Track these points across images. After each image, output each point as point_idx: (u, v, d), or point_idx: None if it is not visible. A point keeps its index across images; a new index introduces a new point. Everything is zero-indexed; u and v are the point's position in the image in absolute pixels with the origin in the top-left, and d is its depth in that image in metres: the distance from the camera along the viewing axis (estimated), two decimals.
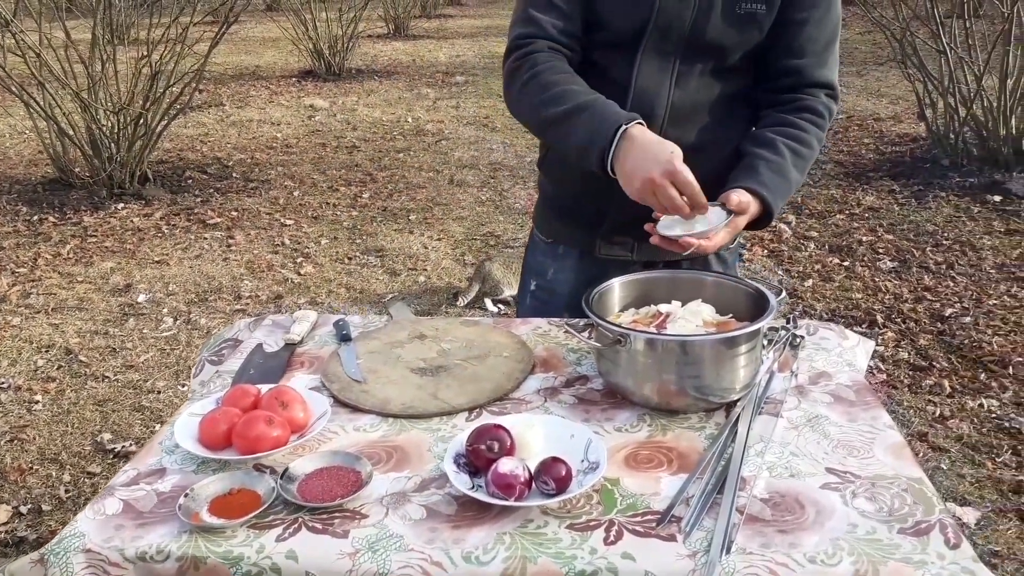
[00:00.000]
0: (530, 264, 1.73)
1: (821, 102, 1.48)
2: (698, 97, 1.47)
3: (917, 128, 6.24)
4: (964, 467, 2.55)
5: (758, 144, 1.44)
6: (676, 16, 1.40)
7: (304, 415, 1.21)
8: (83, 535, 1.02)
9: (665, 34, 1.41)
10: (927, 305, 3.66)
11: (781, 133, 1.44)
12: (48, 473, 2.66)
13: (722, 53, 1.44)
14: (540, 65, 1.41)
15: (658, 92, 1.45)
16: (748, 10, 1.40)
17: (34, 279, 4.16)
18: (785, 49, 1.45)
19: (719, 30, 1.41)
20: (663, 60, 1.44)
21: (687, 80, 1.45)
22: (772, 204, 1.37)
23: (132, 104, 5.28)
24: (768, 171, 1.39)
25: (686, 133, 1.47)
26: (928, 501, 1.04)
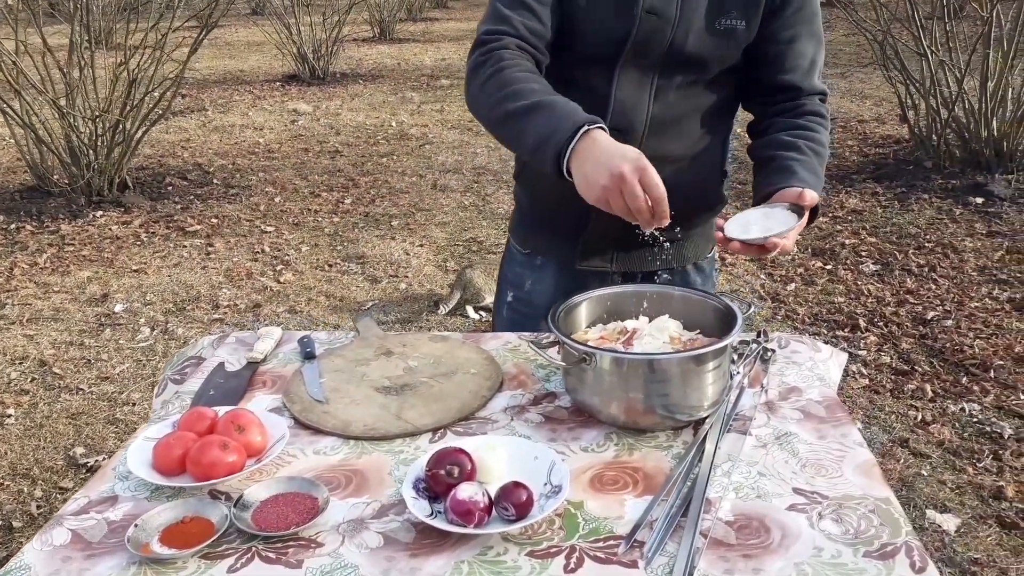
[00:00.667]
0: (507, 275, 1.71)
1: (822, 106, 1.50)
2: (677, 110, 1.46)
3: (900, 130, 6.26)
4: (945, 473, 2.54)
5: (783, 147, 1.42)
6: (656, 31, 1.39)
7: (262, 439, 1.18)
8: (28, 568, 0.98)
9: (644, 49, 1.40)
10: (909, 308, 3.66)
11: (798, 136, 1.43)
12: (19, 489, 2.62)
13: (701, 67, 1.43)
14: (505, 62, 1.35)
15: (637, 105, 1.44)
16: (727, 26, 1.40)
17: (9, 289, 4.11)
18: (779, 67, 1.46)
19: (698, 45, 1.40)
20: (642, 73, 1.42)
21: (666, 93, 1.44)
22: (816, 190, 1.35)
23: (110, 111, 5.22)
24: (804, 170, 1.37)
25: (665, 145, 1.46)
26: (895, 523, 1.02)
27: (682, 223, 1.56)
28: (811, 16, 1.46)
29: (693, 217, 1.58)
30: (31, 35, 5.31)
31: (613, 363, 1.20)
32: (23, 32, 5.27)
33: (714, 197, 1.59)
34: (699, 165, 1.53)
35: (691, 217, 1.57)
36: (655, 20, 1.38)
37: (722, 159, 1.57)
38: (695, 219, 1.59)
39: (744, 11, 1.40)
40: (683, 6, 1.38)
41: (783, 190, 1.33)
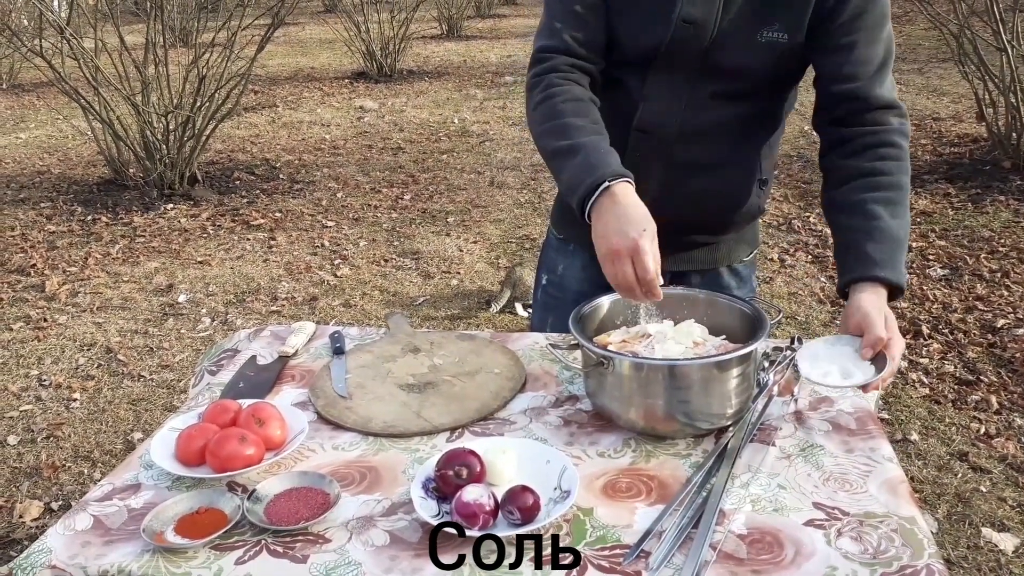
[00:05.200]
0: (544, 260, 1.72)
1: (891, 129, 1.34)
2: (712, 117, 1.41)
3: (977, 129, 5.99)
4: (1006, 490, 2.42)
5: (848, 213, 1.32)
6: (691, 41, 1.35)
7: (281, 432, 1.20)
8: (50, 551, 1.02)
9: (677, 56, 1.37)
10: (978, 315, 3.50)
11: (862, 188, 1.31)
12: (80, 471, 2.73)
13: (740, 78, 1.38)
14: (554, 88, 1.37)
15: (668, 109, 1.41)
16: (769, 39, 1.34)
17: (83, 278, 4.29)
18: (836, 75, 1.36)
19: (736, 57, 1.36)
20: (675, 79, 1.39)
21: (700, 100, 1.40)
22: (896, 280, 1.25)
23: (181, 107, 5.40)
24: (872, 244, 1.26)
25: (697, 151, 1.43)
26: (918, 544, 0.97)
27: (715, 228, 1.54)
28: (876, 21, 1.34)
29: (726, 222, 1.54)
30: (109, 34, 5.53)
31: (632, 368, 1.18)
32: (101, 31, 5.49)
33: (749, 205, 1.53)
34: (733, 173, 1.48)
35: (723, 222, 1.54)
36: (690, 29, 1.34)
37: (760, 168, 1.50)
38: (728, 224, 1.55)
39: (788, 24, 1.33)
40: (722, 17, 1.34)
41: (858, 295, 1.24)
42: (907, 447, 2.64)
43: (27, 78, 9.93)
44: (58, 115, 8.03)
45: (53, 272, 4.36)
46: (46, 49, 5.30)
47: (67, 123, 7.52)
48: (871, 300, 1.23)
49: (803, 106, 5.21)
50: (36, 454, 2.82)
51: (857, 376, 1.17)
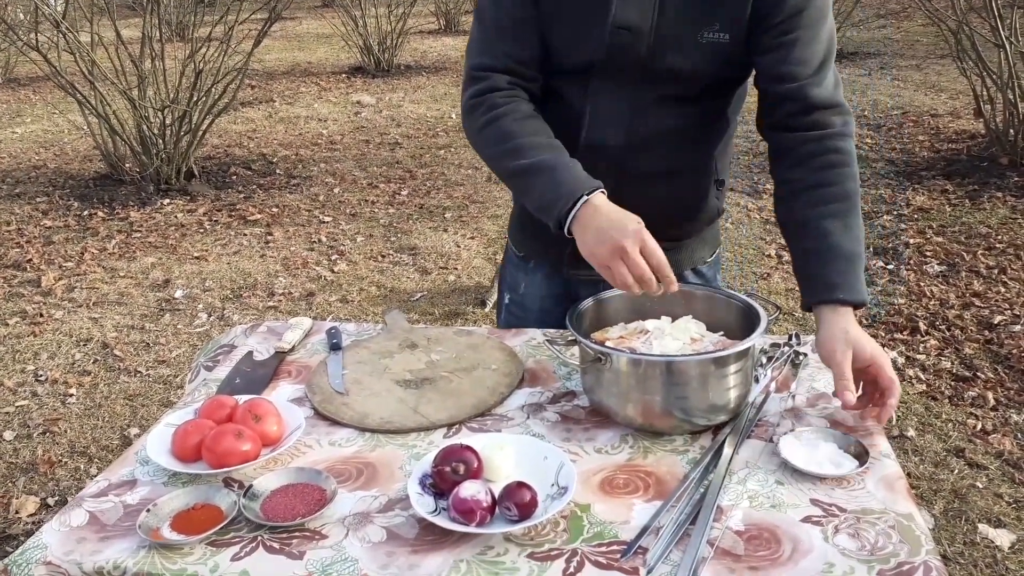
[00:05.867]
0: (504, 277, 1.69)
1: (835, 133, 1.30)
2: (661, 124, 1.39)
3: (975, 125, 5.99)
4: (1002, 486, 2.43)
5: (799, 233, 1.30)
6: (629, 49, 1.32)
7: (278, 429, 1.19)
8: (45, 547, 1.02)
9: (617, 63, 1.34)
10: (975, 312, 3.50)
11: (810, 204, 1.28)
12: (76, 466, 2.72)
13: (684, 82, 1.35)
14: (499, 108, 1.34)
15: (614, 120, 1.38)
16: (711, 40, 1.31)
17: (79, 273, 4.28)
18: (775, 75, 1.31)
19: (679, 59, 1.32)
20: (619, 88, 1.36)
21: (646, 107, 1.37)
22: (855, 299, 1.22)
23: (178, 101, 5.38)
24: (826, 265, 1.24)
25: (649, 160, 1.40)
26: (915, 540, 0.97)
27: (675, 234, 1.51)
28: (815, 19, 1.30)
29: (686, 227, 1.52)
30: (105, 28, 5.50)
31: (630, 364, 1.17)
32: (97, 25, 5.47)
33: (708, 207, 1.51)
34: (688, 179, 1.46)
35: (683, 227, 1.52)
36: (627, 35, 1.31)
37: (715, 169, 1.49)
38: (688, 229, 1.53)
39: (728, 24, 1.30)
40: (659, 21, 1.30)
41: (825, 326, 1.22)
42: (904, 443, 2.64)
43: (23, 72, 9.89)
44: (54, 109, 8.00)
45: (49, 267, 4.35)
46: (42, 43, 5.27)
47: (63, 117, 7.49)
48: (836, 328, 1.20)
49: None
50: (32, 449, 2.81)
51: (825, 465, 1.11)
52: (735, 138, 1.56)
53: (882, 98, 7.23)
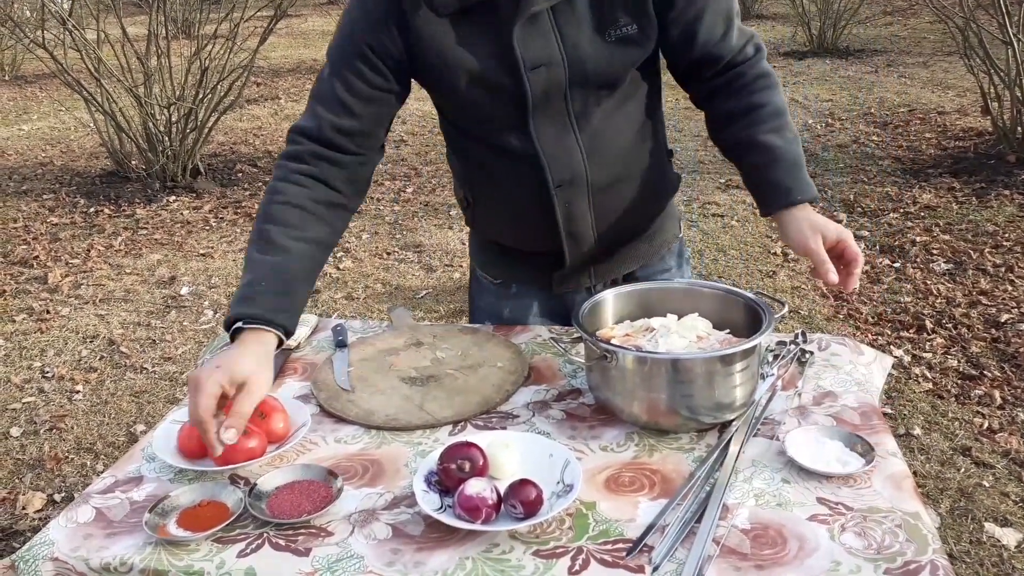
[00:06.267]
0: (480, 307, 1.64)
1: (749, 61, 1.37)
2: (608, 133, 1.38)
3: (982, 122, 5.96)
4: (1009, 484, 2.42)
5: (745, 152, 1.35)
6: (551, 79, 1.30)
7: (284, 426, 1.20)
8: (52, 543, 1.02)
9: (546, 100, 1.32)
10: (982, 310, 3.49)
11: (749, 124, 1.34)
12: (83, 463, 2.73)
13: (610, 84, 1.34)
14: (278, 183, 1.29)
15: (568, 151, 1.36)
16: (620, 35, 1.30)
17: (86, 270, 4.29)
18: (691, 48, 1.34)
19: (598, 65, 1.31)
20: (558, 119, 1.34)
21: (589, 125, 1.36)
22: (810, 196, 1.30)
23: (184, 98, 5.39)
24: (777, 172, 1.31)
25: (612, 170, 1.40)
26: (922, 539, 0.97)
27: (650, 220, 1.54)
28: None
29: (654, 211, 1.53)
30: (112, 25, 5.51)
31: (636, 362, 1.17)
32: (103, 22, 5.48)
33: (668, 182, 1.54)
34: (649, 170, 1.46)
35: (653, 211, 1.53)
36: (544, 71, 1.29)
37: (663, 147, 1.50)
38: (658, 208, 1.53)
39: (632, 14, 1.30)
40: (564, 42, 1.28)
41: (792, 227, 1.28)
42: (910, 442, 2.63)
43: (29, 69, 9.92)
44: (61, 107, 8.03)
45: (56, 264, 4.36)
46: (48, 40, 5.29)
47: (69, 115, 7.52)
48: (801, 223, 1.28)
49: (807, 99, 5.18)
50: (39, 446, 2.82)
51: (833, 463, 1.10)
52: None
53: (889, 95, 7.20)
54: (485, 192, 1.48)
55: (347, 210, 1.36)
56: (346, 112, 1.30)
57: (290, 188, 1.29)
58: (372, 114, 1.33)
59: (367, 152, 1.35)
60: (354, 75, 1.30)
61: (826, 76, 8.17)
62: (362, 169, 1.36)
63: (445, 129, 1.49)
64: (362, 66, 1.30)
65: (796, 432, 1.15)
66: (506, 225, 1.50)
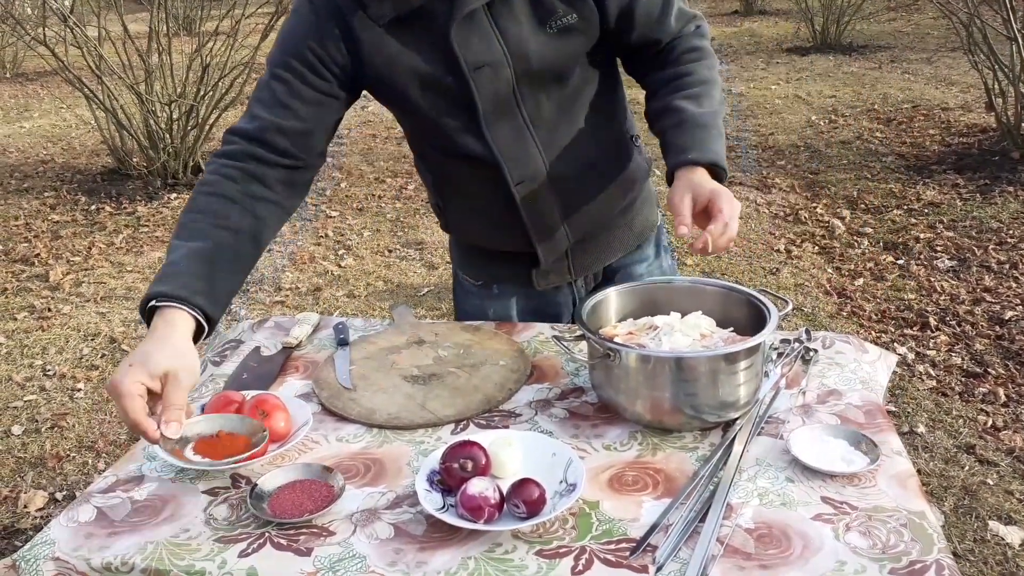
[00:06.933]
0: (464, 310, 1.63)
1: (687, 35, 1.38)
2: (564, 127, 1.38)
3: (986, 119, 5.94)
4: (1013, 482, 2.41)
5: (658, 117, 1.34)
6: (495, 77, 1.29)
7: (285, 424, 1.19)
8: (53, 543, 1.02)
9: (495, 99, 1.31)
10: (986, 307, 3.48)
11: (667, 93, 1.34)
12: (84, 460, 2.73)
13: (558, 76, 1.34)
14: (206, 177, 1.27)
15: (524, 148, 1.36)
16: (561, 25, 1.30)
17: (87, 268, 4.29)
18: (629, 31, 1.35)
19: (543, 58, 1.30)
20: (510, 118, 1.34)
21: (543, 120, 1.36)
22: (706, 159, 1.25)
23: (185, 96, 5.38)
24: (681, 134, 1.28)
25: (574, 164, 1.40)
26: (927, 538, 0.96)
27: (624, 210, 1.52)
28: None
29: (626, 199, 1.51)
30: (112, 22, 5.51)
31: (639, 360, 1.16)
32: (104, 19, 5.47)
33: (637, 168, 1.52)
34: (613, 159, 1.46)
35: (624, 200, 1.51)
36: (488, 71, 1.29)
37: (628, 133, 1.49)
38: (628, 199, 1.52)
39: (571, 3, 1.29)
40: (505, 39, 1.28)
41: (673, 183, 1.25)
42: (914, 439, 2.63)
43: (31, 67, 9.92)
44: (62, 104, 8.02)
45: (57, 262, 4.36)
46: (50, 38, 5.28)
47: (71, 112, 7.51)
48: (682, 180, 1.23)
49: (810, 96, 5.20)
50: (40, 444, 2.82)
51: (837, 462, 1.10)
52: (743, 133, 1.56)
53: (892, 92, 7.18)
54: (453, 197, 1.49)
55: (280, 208, 1.31)
56: (287, 113, 1.28)
57: (218, 180, 1.25)
58: (313, 117, 1.30)
59: (305, 156, 1.32)
60: (296, 78, 1.28)
61: (829, 72, 8.15)
62: (298, 174, 1.33)
63: (408, 139, 1.50)
64: (303, 69, 1.28)
65: (800, 431, 1.15)
66: (477, 227, 1.51)
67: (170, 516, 1.05)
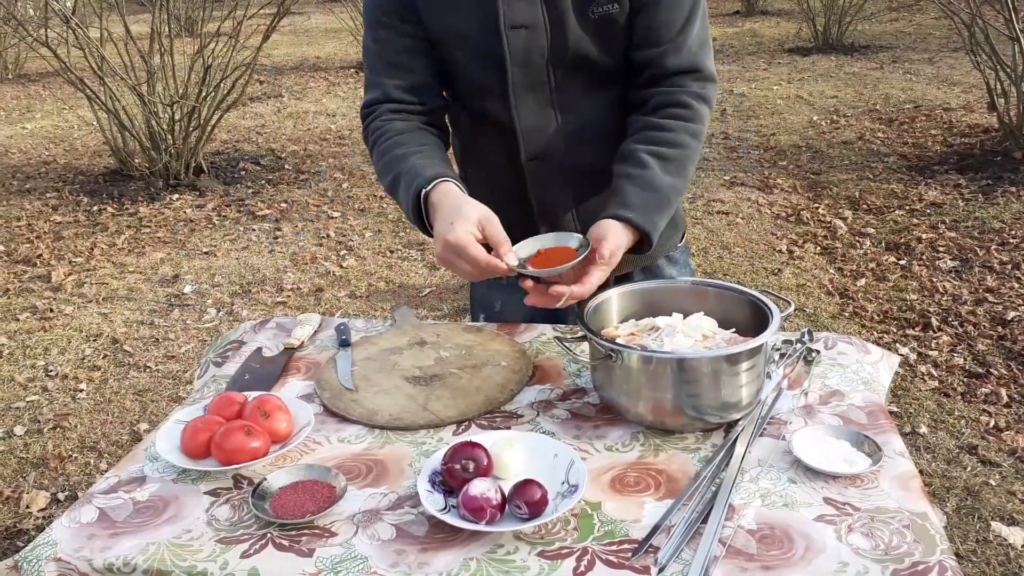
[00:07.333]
0: (476, 298, 1.66)
1: (686, 91, 1.33)
2: (589, 117, 1.39)
3: (988, 119, 5.94)
4: (1015, 483, 2.41)
5: (621, 160, 1.33)
6: (531, 46, 1.32)
7: (287, 425, 1.19)
8: (55, 543, 1.02)
9: (527, 67, 1.34)
10: (988, 308, 3.47)
11: (642, 140, 1.33)
12: (86, 461, 2.73)
13: (593, 65, 1.35)
14: (376, 133, 1.38)
15: (546, 128, 1.38)
16: (602, 12, 1.31)
17: (89, 268, 4.29)
18: (640, 40, 1.33)
19: (579, 43, 1.32)
20: (538, 94, 1.36)
21: (570, 105, 1.38)
22: (645, 227, 1.26)
23: (187, 97, 5.39)
24: (634, 188, 1.28)
25: (590, 156, 1.41)
26: (930, 540, 0.96)
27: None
28: None
29: None
30: (115, 23, 5.51)
31: (641, 361, 1.16)
32: (106, 20, 5.48)
33: None
34: None
35: None
36: (523, 32, 1.31)
37: None
38: None
39: None
40: (548, 9, 1.30)
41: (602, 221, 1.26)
42: (916, 440, 2.62)
43: (33, 68, 9.93)
44: (64, 105, 8.03)
45: (59, 262, 4.36)
46: (52, 39, 5.28)
47: (73, 113, 7.52)
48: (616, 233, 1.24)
49: (812, 96, 5.20)
50: (43, 444, 2.82)
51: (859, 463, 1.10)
52: (745, 133, 1.55)
53: (894, 92, 7.18)
54: (472, 166, 1.52)
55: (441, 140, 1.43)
56: (399, 70, 1.38)
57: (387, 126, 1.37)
58: (422, 66, 1.39)
59: (430, 103, 1.41)
60: (392, 32, 1.37)
61: (831, 72, 8.15)
62: (434, 118, 1.43)
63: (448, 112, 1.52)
64: (392, 22, 1.36)
65: (803, 432, 1.15)
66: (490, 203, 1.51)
67: (172, 517, 1.05)
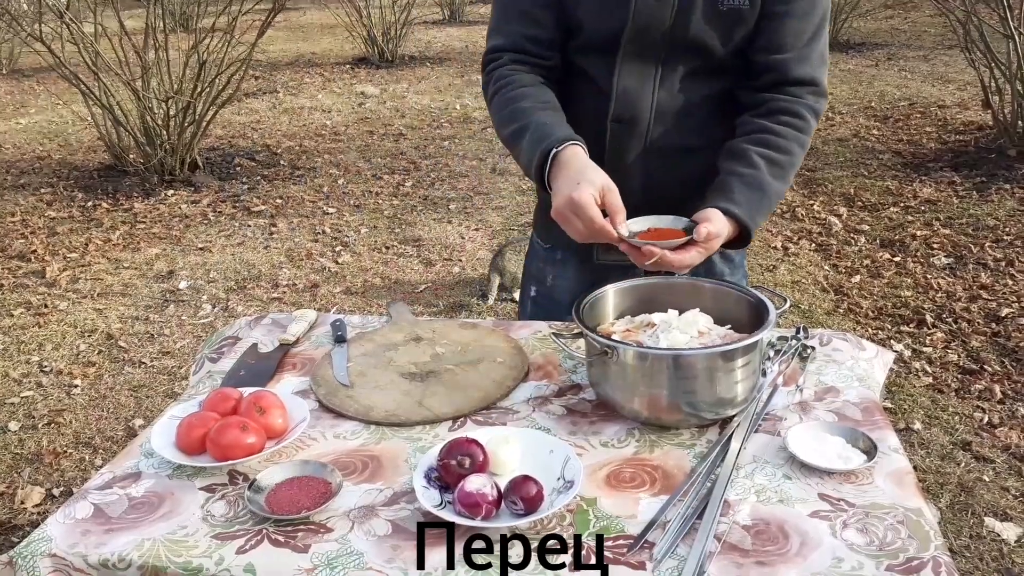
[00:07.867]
0: (530, 270, 1.69)
1: (802, 103, 1.37)
2: (685, 98, 1.40)
3: (983, 116, 5.95)
4: (1009, 479, 2.42)
5: (731, 158, 1.36)
6: (655, 17, 1.34)
7: (282, 421, 1.19)
8: (50, 540, 1.02)
9: (644, 36, 1.35)
10: (982, 304, 3.49)
11: (755, 142, 1.35)
12: (81, 457, 2.73)
13: (707, 52, 1.36)
14: (501, 81, 1.41)
15: (640, 95, 1.40)
16: (732, 6, 1.32)
17: (84, 264, 4.28)
18: (766, 44, 1.36)
19: (701, 29, 1.34)
20: (644, 62, 1.38)
21: (672, 81, 1.39)
22: (748, 223, 1.30)
23: (181, 92, 5.37)
24: (742, 186, 1.31)
25: (676, 136, 1.42)
26: (924, 536, 0.97)
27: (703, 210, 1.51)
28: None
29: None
30: (109, 19, 5.49)
31: (637, 357, 1.16)
32: (101, 15, 5.45)
33: None
34: (712, 154, 1.44)
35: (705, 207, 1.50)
36: (653, 5, 1.33)
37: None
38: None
39: None
40: None
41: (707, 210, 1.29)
42: (910, 436, 2.63)
43: (27, 63, 9.88)
44: (58, 100, 7.99)
45: (53, 258, 4.35)
46: (46, 34, 5.26)
47: (67, 108, 7.48)
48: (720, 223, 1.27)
49: None
50: (37, 440, 2.82)
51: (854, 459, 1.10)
52: None
53: (889, 89, 7.19)
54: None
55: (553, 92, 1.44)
56: (529, 20, 1.41)
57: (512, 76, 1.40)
58: (551, 19, 1.40)
59: (552, 59, 1.44)
60: None
61: None
62: (552, 73, 1.45)
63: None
64: None
65: (798, 428, 1.15)
66: None
67: (167, 513, 1.05)
